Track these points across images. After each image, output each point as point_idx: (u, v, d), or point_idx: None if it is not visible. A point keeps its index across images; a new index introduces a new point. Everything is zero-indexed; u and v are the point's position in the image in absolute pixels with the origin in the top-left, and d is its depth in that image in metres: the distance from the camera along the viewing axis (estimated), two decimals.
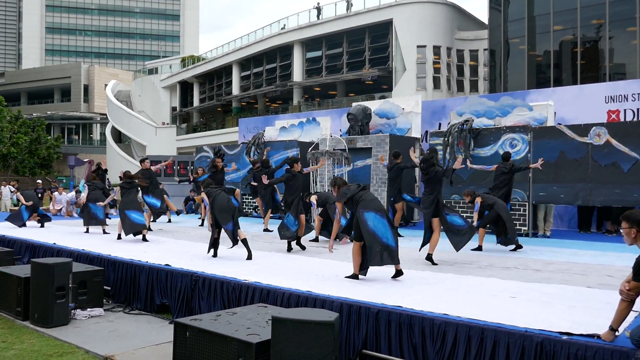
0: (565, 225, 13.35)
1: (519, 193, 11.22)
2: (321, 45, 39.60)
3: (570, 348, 3.77)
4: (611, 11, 25.43)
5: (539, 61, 28.82)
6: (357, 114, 14.62)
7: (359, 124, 14.54)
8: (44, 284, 6.28)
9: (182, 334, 4.57)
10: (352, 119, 14.67)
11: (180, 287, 6.60)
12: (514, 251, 8.63)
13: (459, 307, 4.74)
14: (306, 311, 4.35)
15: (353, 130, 14.62)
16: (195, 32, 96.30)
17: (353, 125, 14.64)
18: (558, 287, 5.76)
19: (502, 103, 12.63)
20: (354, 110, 14.82)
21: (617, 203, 10.35)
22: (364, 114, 14.64)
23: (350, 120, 14.74)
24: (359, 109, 14.77)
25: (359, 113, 14.62)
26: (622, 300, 3.69)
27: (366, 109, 14.86)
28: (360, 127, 14.56)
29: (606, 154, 10.40)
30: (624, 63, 26.18)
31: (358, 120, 14.53)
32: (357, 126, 14.56)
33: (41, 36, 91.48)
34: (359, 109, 14.77)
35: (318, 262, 7.58)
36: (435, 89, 34.48)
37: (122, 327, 6.39)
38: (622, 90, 12.95)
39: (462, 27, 36.01)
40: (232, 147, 17.45)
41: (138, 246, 9.21)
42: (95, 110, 72.07)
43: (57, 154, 51.51)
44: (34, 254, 9.35)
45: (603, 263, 7.50)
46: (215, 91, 49.63)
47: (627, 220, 3.78)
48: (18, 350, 5.53)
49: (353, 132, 14.58)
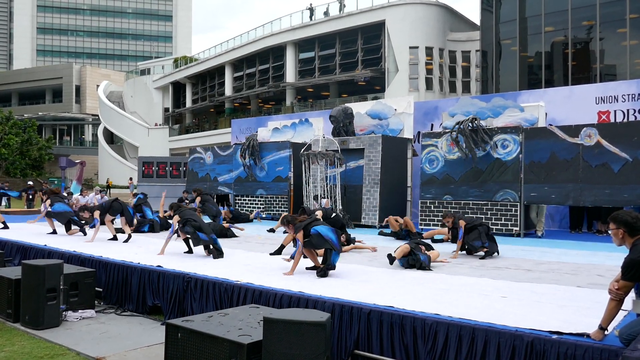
0: (556, 225, 13.44)
1: (510, 193, 11.29)
2: (314, 46, 39.63)
3: (560, 347, 3.80)
4: (602, 12, 25.60)
5: (530, 62, 28.97)
6: (338, 115, 14.71)
7: (341, 125, 14.61)
8: (35, 285, 6.24)
9: (174, 335, 4.56)
10: (333, 121, 14.78)
11: (172, 288, 6.58)
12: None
13: (451, 307, 4.76)
14: (298, 312, 4.36)
15: (336, 132, 14.67)
16: (188, 33, 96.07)
17: (336, 126, 14.72)
18: (549, 287, 5.80)
19: (493, 104, 12.70)
20: (334, 112, 14.92)
21: (607, 203, 10.43)
22: (345, 114, 14.72)
23: (332, 122, 14.83)
24: (339, 110, 14.87)
25: (339, 114, 14.71)
26: (612, 300, 3.71)
27: (346, 109, 14.92)
28: (343, 128, 14.62)
29: (597, 154, 10.47)
30: (614, 64, 26.37)
31: (339, 122, 14.62)
32: (339, 127, 14.63)
33: (32, 36, 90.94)
34: (339, 110, 14.87)
35: (310, 263, 7.57)
36: (427, 89, 34.59)
37: (113, 328, 6.36)
38: (613, 91, 13.06)
39: (454, 28, 36.15)
40: (225, 148, 17.44)
41: (130, 248, 9.17)
42: (87, 111, 71.71)
43: (49, 155, 51.27)
44: (24, 255, 9.29)
45: (593, 262, 7.55)
46: (208, 92, 49.55)
47: (614, 221, 3.81)
48: (9, 352, 5.49)
49: (337, 133, 14.63)
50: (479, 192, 11.70)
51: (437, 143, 12.31)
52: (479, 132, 11.57)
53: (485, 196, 11.60)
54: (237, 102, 47.64)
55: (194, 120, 52.87)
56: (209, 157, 17.40)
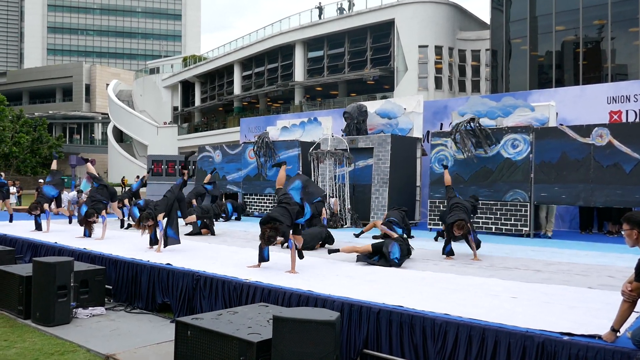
0: (566, 226, 13.34)
1: (520, 193, 11.22)
2: (323, 45, 39.60)
3: (571, 348, 3.77)
4: (613, 12, 25.39)
5: (541, 61, 28.79)
6: (352, 112, 14.73)
7: (355, 122, 14.60)
8: (46, 282, 6.29)
9: (184, 333, 4.57)
10: (347, 117, 14.77)
11: (181, 286, 6.61)
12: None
13: (460, 307, 4.74)
14: (307, 310, 4.35)
15: (349, 129, 14.66)
16: (197, 32, 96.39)
17: (349, 123, 14.71)
18: (559, 288, 5.76)
19: (504, 103, 12.63)
20: (349, 109, 14.94)
21: (618, 204, 10.34)
22: (359, 111, 14.71)
23: (346, 119, 14.84)
24: (354, 107, 14.90)
25: (354, 111, 14.73)
26: (624, 301, 3.69)
27: (361, 106, 14.91)
28: (356, 125, 14.61)
29: (608, 154, 10.39)
30: (626, 64, 26.15)
31: (354, 119, 14.62)
32: (353, 124, 14.62)
33: (43, 36, 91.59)
34: (354, 107, 14.90)
35: (319, 261, 7.58)
36: (437, 89, 34.47)
37: (123, 326, 6.39)
38: (625, 90, 12.94)
39: (463, 27, 36.00)
40: (234, 147, 17.47)
41: (139, 245, 9.21)
42: (97, 109, 72.11)
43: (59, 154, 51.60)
44: (35, 253, 9.36)
45: (604, 264, 7.49)
46: (217, 91, 49.67)
47: (628, 222, 3.78)
48: (20, 348, 5.54)
49: (350, 130, 14.62)
50: (488, 192, 11.64)
51: (446, 142, 12.26)
52: (476, 133, 11.53)
53: (495, 196, 11.54)
54: (246, 101, 47.73)
55: (202, 119, 53.00)
56: (217, 156, 17.44)
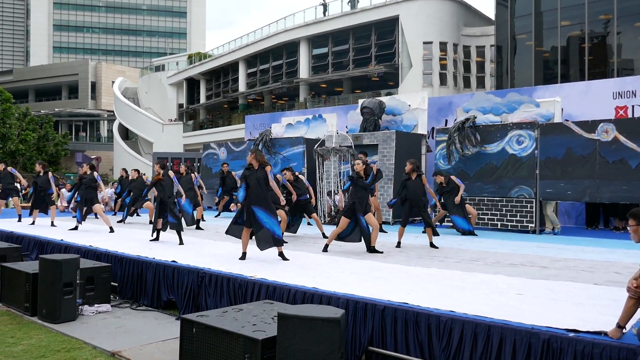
0: (572, 222, 13.30)
1: (525, 190, 11.18)
2: (327, 42, 39.51)
3: (577, 345, 3.76)
4: (619, 6, 25.20)
5: (546, 57, 28.63)
6: (374, 107, 14.46)
7: (375, 117, 14.42)
8: (52, 280, 6.32)
9: (189, 330, 4.59)
10: (367, 112, 14.48)
11: (186, 283, 6.62)
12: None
13: (465, 304, 4.73)
14: (312, 308, 4.35)
15: (367, 124, 14.46)
16: (202, 29, 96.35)
17: (368, 118, 14.49)
18: (565, 284, 5.73)
19: (509, 99, 12.59)
20: (370, 104, 14.64)
21: (624, 200, 10.29)
22: (380, 108, 14.55)
23: (365, 113, 14.56)
24: (375, 103, 14.62)
25: (375, 107, 14.47)
26: (630, 298, 3.67)
27: (381, 103, 14.79)
28: (376, 121, 14.46)
29: (614, 150, 10.34)
30: (632, 59, 25.96)
31: (375, 114, 14.40)
32: (373, 119, 14.42)
33: (49, 33, 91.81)
34: (375, 103, 14.62)
35: (323, 258, 7.58)
36: (441, 85, 34.33)
37: (129, 323, 6.42)
38: (630, 86, 12.87)
39: (468, 23, 35.83)
40: (239, 144, 17.48)
41: (145, 243, 9.25)
42: (103, 107, 72.24)
43: (65, 151, 51.77)
44: (42, 250, 9.41)
45: (610, 260, 7.46)
46: (222, 88, 49.65)
47: (634, 218, 3.75)
48: (26, 345, 5.57)
49: (368, 125, 14.43)
50: (493, 188, 11.62)
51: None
52: (465, 132, 11.59)
53: (500, 192, 11.51)
54: (251, 98, 47.69)
55: (208, 116, 53.01)
56: (222, 153, 17.46)
